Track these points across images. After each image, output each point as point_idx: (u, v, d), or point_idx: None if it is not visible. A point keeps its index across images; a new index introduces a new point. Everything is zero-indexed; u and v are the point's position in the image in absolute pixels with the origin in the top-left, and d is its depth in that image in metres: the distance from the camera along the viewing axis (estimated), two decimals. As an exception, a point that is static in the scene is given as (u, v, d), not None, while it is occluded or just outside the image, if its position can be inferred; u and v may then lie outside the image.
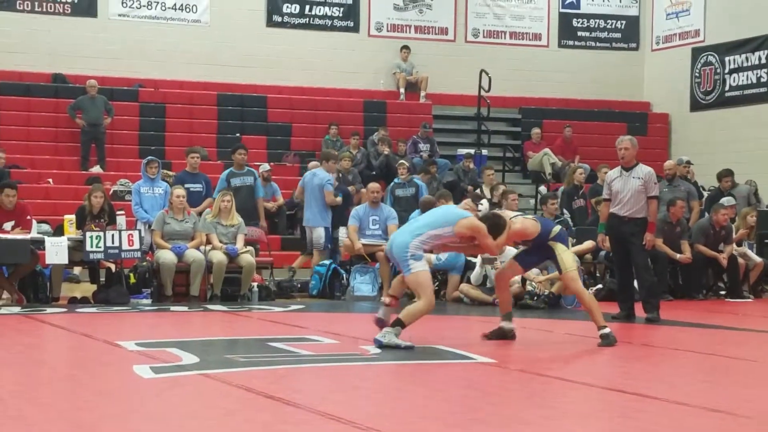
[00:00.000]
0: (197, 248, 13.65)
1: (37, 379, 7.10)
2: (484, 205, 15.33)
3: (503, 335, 9.36)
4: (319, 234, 15.51)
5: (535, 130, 22.79)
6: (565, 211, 15.73)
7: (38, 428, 5.40)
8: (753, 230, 16.63)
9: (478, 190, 18.00)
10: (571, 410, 6.17)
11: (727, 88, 23.14)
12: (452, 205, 11.80)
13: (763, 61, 22.37)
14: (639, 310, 11.81)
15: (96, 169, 19.51)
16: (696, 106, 23.96)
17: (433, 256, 14.22)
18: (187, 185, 14.83)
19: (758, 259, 16.03)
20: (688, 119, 24.17)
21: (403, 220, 14.67)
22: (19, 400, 6.24)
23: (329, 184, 15.70)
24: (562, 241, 9.44)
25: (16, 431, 5.30)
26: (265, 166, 17.95)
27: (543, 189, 20.33)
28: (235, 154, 15.96)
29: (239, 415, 5.86)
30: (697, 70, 23.83)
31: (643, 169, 11.69)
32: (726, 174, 17.75)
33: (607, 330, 9.25)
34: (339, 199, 15.88)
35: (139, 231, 13.70)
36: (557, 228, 9.47)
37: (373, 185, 15.20)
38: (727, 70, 23.12)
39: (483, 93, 22.56)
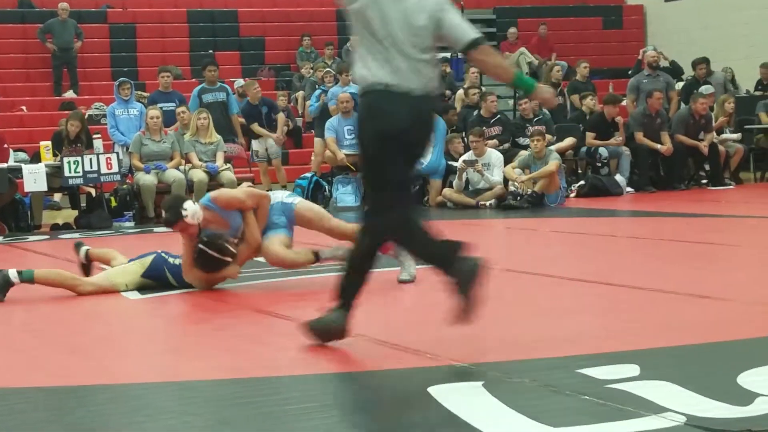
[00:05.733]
0: (177, 168, 13.57)
1: (25, 306, 7.08)
2: None
3: None
4: None
5: (512, 30, 22.56)
6: (544, 110, 15.60)
7: (32, 354, 5.39)
8: (732, 117, 16.58)
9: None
10: (561, 306, 6.19)
11: (700, -25, 22.90)
12: None
13: (736, -56, 22.12)
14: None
15: (69, 94, 19.31)
16: (670, -5, 23.76)
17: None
18: (160, 104, 14.66)
19: (738, 146, 16.05)
20: (663, 9, 23.96)
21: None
22: (10, 327, 6.24)
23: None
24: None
25: (10, 358, 5.29)
26: (240, 82, 17.74)
27: (521, 89, 20.17)
28: (206, 71, 15.76)
29: (229, 329, 5.87)
30: (670, -41, 23.58)
31: None
32: (700, 62, 17.64)
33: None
34: None
35: (117, 154, 13.60)
36: None
37: (343, 95, 15.05)
38: (699, -43, 22.86)
39: (456, -6, 22.35)
